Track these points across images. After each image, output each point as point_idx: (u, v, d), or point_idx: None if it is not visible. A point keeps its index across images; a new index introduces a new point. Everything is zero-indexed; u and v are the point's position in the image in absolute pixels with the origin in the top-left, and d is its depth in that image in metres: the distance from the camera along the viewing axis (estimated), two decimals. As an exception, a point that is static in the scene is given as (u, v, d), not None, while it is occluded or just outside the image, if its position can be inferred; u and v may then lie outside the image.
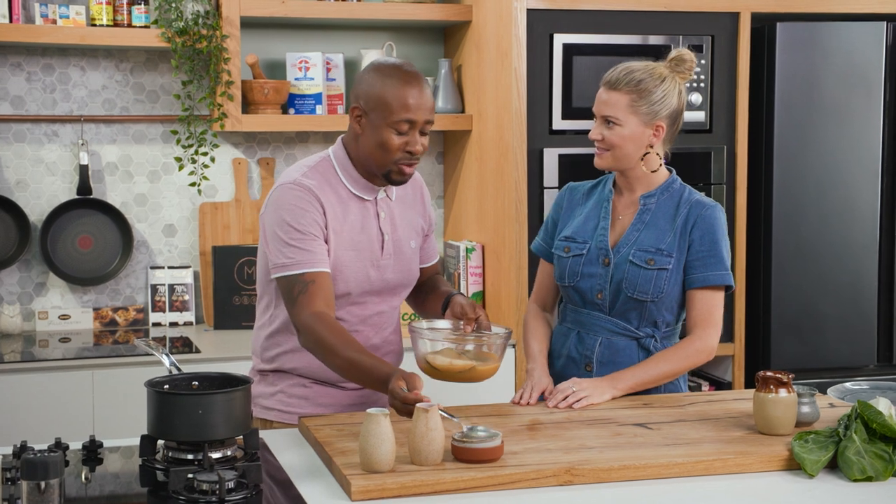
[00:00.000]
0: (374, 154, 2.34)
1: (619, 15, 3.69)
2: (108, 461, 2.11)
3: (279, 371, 2.44)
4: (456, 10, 3.87)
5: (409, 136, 2.32)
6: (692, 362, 2.45)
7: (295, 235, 2.29)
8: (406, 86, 2.30)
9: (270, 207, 2.35)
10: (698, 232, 2.44)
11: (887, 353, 3.91)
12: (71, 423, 3.23)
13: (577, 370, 2.51)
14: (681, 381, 2.54)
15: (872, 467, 1.97)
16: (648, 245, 2.45)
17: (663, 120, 2.45)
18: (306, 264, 2.28)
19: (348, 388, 2.44)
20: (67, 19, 3.63)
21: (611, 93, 2.44)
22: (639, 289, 2.44)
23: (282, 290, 2.33)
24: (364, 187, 2.40)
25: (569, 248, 2.52)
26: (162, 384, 2.05)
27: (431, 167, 4.17)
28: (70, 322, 3.81)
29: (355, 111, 2.35)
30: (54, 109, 3.81)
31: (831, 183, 3.82)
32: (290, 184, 2.34)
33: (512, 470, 1.93)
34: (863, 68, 3.81)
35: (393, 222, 2.44)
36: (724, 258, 2.45)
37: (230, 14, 3.66)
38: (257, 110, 3.77)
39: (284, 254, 2.30)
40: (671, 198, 2.49)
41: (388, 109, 2.30)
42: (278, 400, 2.42)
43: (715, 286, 2.44)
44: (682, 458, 2.01)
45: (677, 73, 2.47)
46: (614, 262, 2.46)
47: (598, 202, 2.56)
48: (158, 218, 3.93)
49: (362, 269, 2.38)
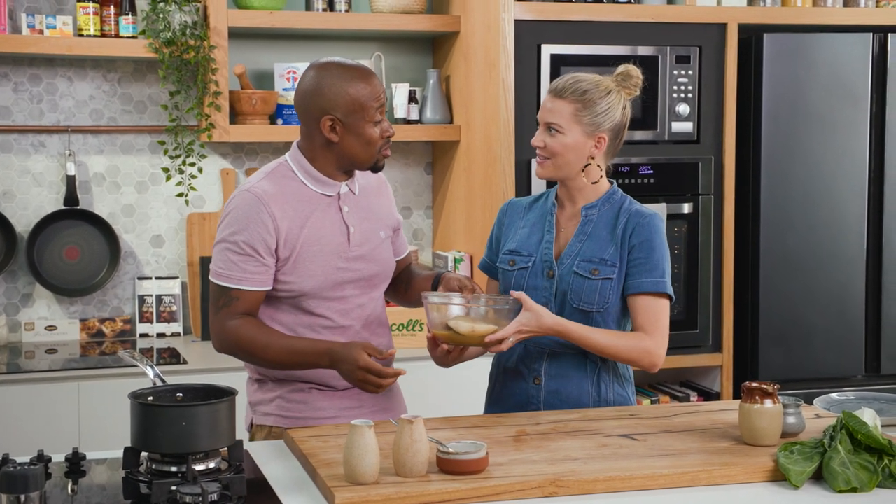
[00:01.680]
0: (359, 153, 2.40)
1: (607, 26, 3.70)
2: (92, 473, 2.10)
3: (276, 378, 2.45)
4: (444, 21, 3.88)
5: (383, 122, 2.42)
6: (634, 357, 2.41)
7: (235, 249, 2.35)
8: (366, 80, 2.39)
9: (224, 213, 2.41)
10: (636, 239, 2.45)
11: (874, 363, 3.92)
12: (56, 436, 3.22)
13: (526, 384, 2.51)
14: (630, 396, 2.54)
15: (857, 478, 1.97)
16: (592, 255, 2.46)
17: (606, 132, 2.46)
18: (235, 280, 2.36)
19: (343, 389, 2.44)
20: (55, 29, 3.63)
21: (556, 101, 2.46)
22: (584, 300, 2.44)
23: (210, 292, 2.41)
24: (325, 185, 2.43)
25: (514, 261, 2.54)
26: (146, 396, 2.04)
27: (420, 178, 4.17)
28: (57, 333, 3.79)
29: (328, 122, 2.37)
30: (41, 120, 3.81)
31: (818, 193, 3.83)
32: (245, 190, 2.40)
33: (497, 481, 1.93)
34: (849, 79, 3.83)
35: (359, 214, 2.47)
36: (661, 266, 2.45)
37: (218, 24, 3.65)
38: (245, 121, 3.77)
39: (220, 262, 2.38)
40: (612, 208, 2.50)
41: (365, 108, 2.37)
42: (277, 406, 2.44)
43: (653, 293, 2.44)
44: (668, 469, 2.01)
45: (623, 87, 2.49)
46: (559, 274, 2.47)
47: (541, 215, 2.57)
48: (146, 229, 3.92)
49: (329, 262, 2.40)
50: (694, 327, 3.82)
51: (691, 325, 3.81)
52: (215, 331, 2.38)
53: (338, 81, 2.37)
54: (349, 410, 2.44)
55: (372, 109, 2.38)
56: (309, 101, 2.39)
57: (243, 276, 2.35)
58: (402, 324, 3.62)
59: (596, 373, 2.48)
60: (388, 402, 2.52)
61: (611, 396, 2.49)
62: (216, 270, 2.38)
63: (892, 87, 3.85)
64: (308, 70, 2.43)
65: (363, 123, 2.37)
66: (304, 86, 2.41)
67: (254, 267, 2.35)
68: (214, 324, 2.39)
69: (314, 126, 2.39)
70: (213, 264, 2.40)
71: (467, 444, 1.99)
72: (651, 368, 2.44)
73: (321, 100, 2.37)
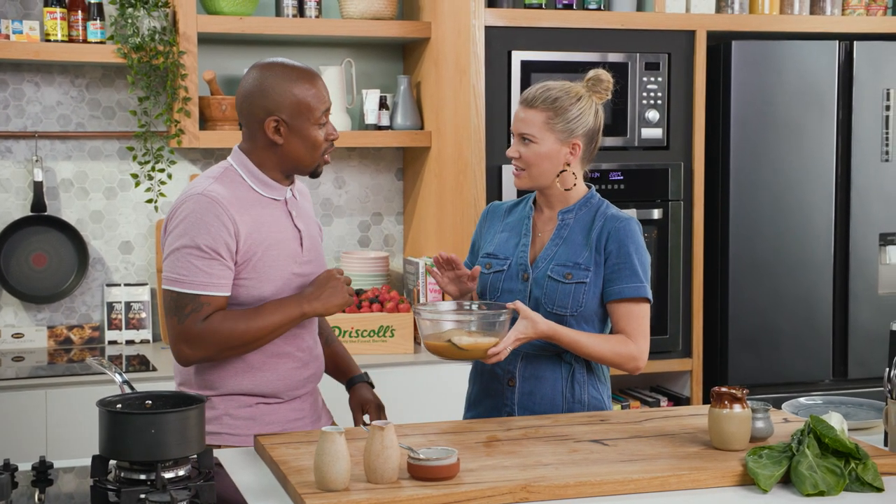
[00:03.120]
0: (303, 156, 2.37)
1: (577, 32, 3.72)
2: (59, 482, 2.08)
3: (222, 395, 2.39)
4: (414, 27, 3.88)
5: (328, 125, 2.38)
6: (619, 361, 2.44)
7: (197, 254, 2.28)
8: (311, 81, 2.35)
9: (176, 219, 2.32)
10: (613, 245, 2.46)
11: (842, 367, 3.96)
12: (23, 444, 3.18)
13: (501, 385, 2.53)
14: (605, 398, 2.55)
15: (825, 482, 1.98)
16: (566, 259, 2.47)
17: (580, 138, 2.47)
18: (202, 286, 2.29)
19: (289, 400, 2.43)
20: (21, 34, 3.60)
21: (527, 111, 2.47)
22: (557, 303, 2.45)
23: (168, 301, 2.31)
24: (273, 189, 2.40)
25: (490, 264, 2.55)
26: (114, 403, 2.02)
27: (391, 184, 4.17)
28: (24, 341, 3.75)
29: (272, 123, 2.33)
30: (8, 125, 3.77)
31: (786, 199, 3.87)
32: (199, 194, 2.32)
33: (468, 487, 1.93)
34: (816, 86, 3.86)
35: (303, 219, 2.46)
36: (639, 270, 2.46)
37: (187, 30, 3.64)
38: (215, 126, 3.75)
39: (182, 269, 2.29)
40: (588, 212, 2.51)
41: (310, 110, 2.33)
42: (225, 424, 2.38)
43: (631, 298, 2.46)
44: (638, 474, 2.02)
45: (594, 92, 2.50)
46: (533, 278, 2.48)
47: (519, 219, 2.58)
48: (115, 235, 3.89)
49: (286, 268, 2.38)
50: (664, 332, 3.84)
51: (661, 330, 3.83)
52: (186, 338, 2.29)
53: (283, 82, 2.33)
54: (293, 423, 2.43)
55: (317, 111, 2.34)
56: (252, 101, 2.34)
57: (210, 282, 2.29)
58: (372, 330, 3.62)
59: (570, 374, 2.49)
60: (323, 411, 2.56)
61: (585, 398, 2.50)
62: (177, 278, 2.29)
63: (858, 93, 3.89)
64: (251, 70, 2.38)
65: (308, 125, 2.34)
66: (247, 86, 2.35)
67: (219, 270, 2.29)
68: (182, 333, 2.29)
69: (257, 128, 2.35)
70: (170, 272, 2.30)
71: (438, 450, 1.99)
72: (634, 371, 2.47)
73: (265, 100, 2.33)
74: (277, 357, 2.40)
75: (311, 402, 2.50)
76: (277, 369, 2.40)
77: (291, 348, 2.41)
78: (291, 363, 2.42)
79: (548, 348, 2.47)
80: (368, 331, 3.61)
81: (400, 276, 4.15)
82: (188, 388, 2.41)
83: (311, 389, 2.50)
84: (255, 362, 2.38)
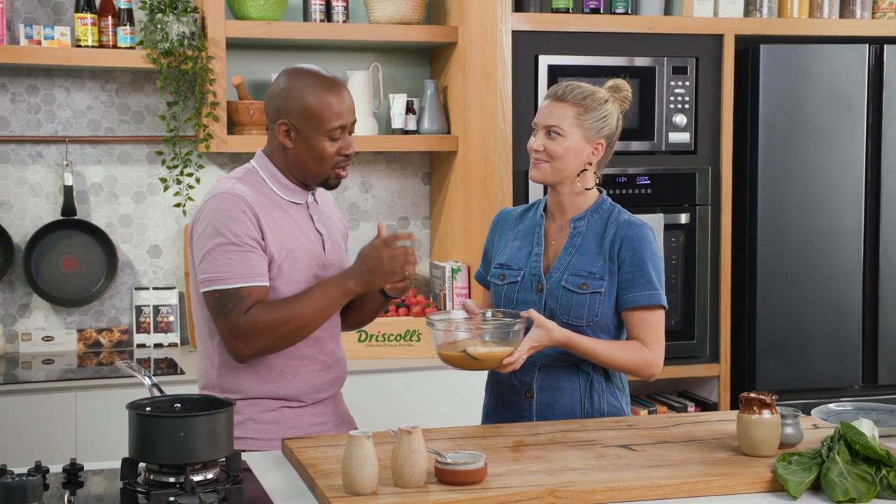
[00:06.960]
0: (310, 165, 2.36)
1: (604, 37, 3.71)
2: (89, 484, 2.09)
3: (245, 399, 2.39)
4: (441, 32, 3.89)
5: (342, 141, 2.36)
6: (634, 368, 2.43)
7: (234, 249, 2.27)
8: (331, 93, 2.33)
9: (203, 220, 2.32)
10: (627, 252, 2.45)
11: (872, 373, 3.92)
12: (54, 446, 3.21)
13: (518, 397, 2.52)
14: (624, 405, 2.54)
15: (855, 489, 1.97)
16: (580, 269, 2.46)
17: (603, 139, 2.47)
18: (243, 278, 2.27)
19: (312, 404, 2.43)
20: (52, 40, 3.63)
21: (557, 104, 2.47)
22: (573, 314, 2.44)
23: (211, 303, 2.29)
24: (295, 192, 2.41)
25: (503, 275, 2.54)
26: (144, 406, 2.04)
27: (417, 188, 4.17)
28: (54, 344, 3.79)
29: (282, 127, 2.34)
30: (39, 130, 3.81)
31: (815, 204, 3.84)
32: (222, 193, 2.33)
33: (495, 492, 1.93)
34: (846, 90, 3.84)
35: (325, 223, 2.46)
36: (653, 277, 2.44)
37: (216, 35, 3.66)
38: (242, 131, 3.77)
39: (221, 267, 2.28)
40: (600, 219, 2.50)
41: (320, 120, 2.32)
42: (248, 429, 2.38)
43: (646, 306, 2.44)
44: (666, 479, 2.01)
45: (616, 99, 2.51)
46: (547, 288, 2.47)
47: (529, 228, 2.56)
48: (143, 239, 3.92)
49: (308, 270, 2.38)
50: (691, 337, 3.82)
51: (689, 335, 3.82)
52: (235, 334, 2.27)
53: (300, 87, 2.33)
54: (316, 427, 2.43)
55: (329, 122, 2.32)
56: (270, 103, 2.37)
57: (249, 273, 2.27)
58: (399, 334, 3.62)
59: (588, 384, 2.48)
60: (347, 416, 2.55)
61: (604, 407, 2.49)
62: (217, 276, 2.28)
63: (889, 97, 3.86)
64: (281, 73, 2.40)
65: (315, 135, 2.33)
66: (272, 88, 2.39)
67: (256, 260, 2.28)
68: (229, 329, 2.27)
69: (273, 129, 2.38)
70: (208, 273, 2.29)
71: (466, 454, 1.99)
72: (649, 378, 2.47)
73: (280, 103, 2.35)
74: (299, 360, 2.41)
75: (333, 407, 2.50)
76: (299, 372, 2.41)
77: (313, 351, 2.42)
78: (314, 366, 2.42)
79: (564, 358, 2.46)
80: (395, 335, 3.61)
81: (426, 281, 4.16)
82: (211, 391, 2.41)
83: (333, 394, 2.50)
84: (277, 365, 2.39)
